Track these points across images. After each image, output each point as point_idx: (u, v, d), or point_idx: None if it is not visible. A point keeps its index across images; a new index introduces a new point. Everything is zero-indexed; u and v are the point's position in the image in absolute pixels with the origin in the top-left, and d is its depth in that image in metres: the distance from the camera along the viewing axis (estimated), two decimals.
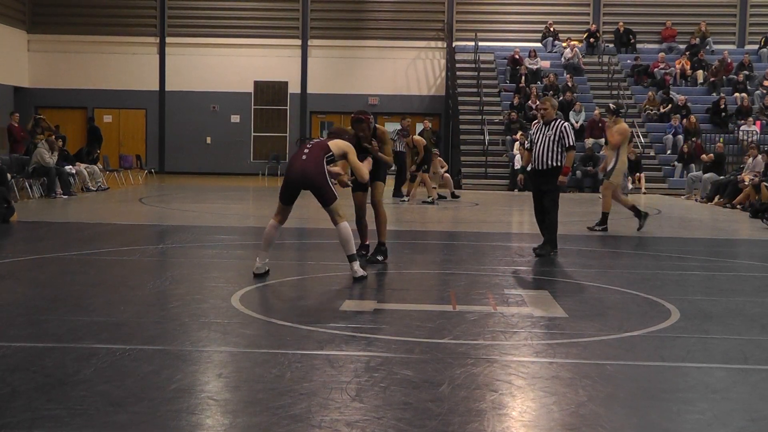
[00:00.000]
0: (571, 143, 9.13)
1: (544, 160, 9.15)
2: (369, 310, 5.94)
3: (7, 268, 7.77)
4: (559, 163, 9.13)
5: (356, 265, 7.00)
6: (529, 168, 9.44)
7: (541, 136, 9.23)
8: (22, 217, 11.87)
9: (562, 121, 9.26)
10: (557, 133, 9.10)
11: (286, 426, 3.49)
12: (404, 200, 16.96)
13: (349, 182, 7.73)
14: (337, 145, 7.19)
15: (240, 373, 4.35)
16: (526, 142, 9.60)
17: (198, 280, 7.18)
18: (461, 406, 3.82)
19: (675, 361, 4.72)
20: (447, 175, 18.93)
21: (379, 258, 8.08)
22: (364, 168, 7.44)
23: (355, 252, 7.06)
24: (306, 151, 7.09)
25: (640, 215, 11.66)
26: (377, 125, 8.26)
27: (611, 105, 12.69)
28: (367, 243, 8.32)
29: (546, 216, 9.21)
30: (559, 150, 9.11)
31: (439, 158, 18.66)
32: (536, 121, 9.47)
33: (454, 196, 18.17)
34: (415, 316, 5.81)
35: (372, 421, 3.57)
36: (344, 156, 7.23)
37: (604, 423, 3.63)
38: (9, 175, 14.16)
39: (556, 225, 9.21)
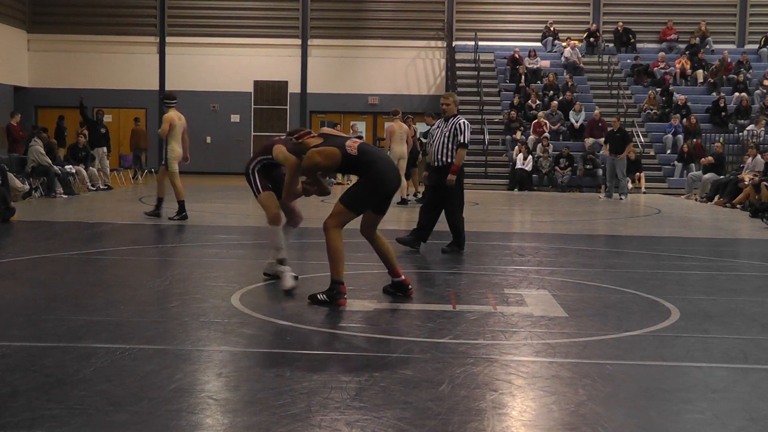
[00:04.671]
0: (465, 140, 8.98)
1: (439, 156, 9.09)
2: (369, 310, 5.94)
3: (7, 267, 7.76)
4: (452, 160, 9.06)
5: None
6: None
7: (438, 132, 9.15)
8: (22, 217, 11.87)
9: (461, 118, 9.15)
10: (453, 129, 9.00)
11: (286, 425, 3.49)
12: (410, 199, 16.66)
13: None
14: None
15: (240, 372, 4.35)
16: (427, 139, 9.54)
17: (198, 279, 7.18)
18: (461, 405, 3.82)
19: (675, 361, 4.72)
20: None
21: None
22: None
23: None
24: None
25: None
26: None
27: None
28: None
29: (449, 216, 9.13)
30: (454, 147, 9.02)
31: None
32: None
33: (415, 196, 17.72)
34: (415, 316, 5.81)
35: (372, 421, 3.57)
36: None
37: (603, 422, 3.63)
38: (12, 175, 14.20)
39: (460, 223, 9.13)
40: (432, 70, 28.05)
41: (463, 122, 9.11)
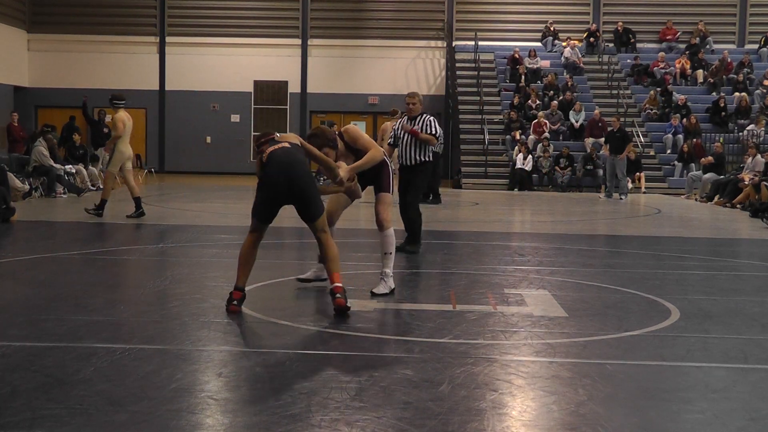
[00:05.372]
0: (436, 133, 8.95)
1: (412, 155, 9.03)
2: (369, 310, 5.93)
3: (7, 267, 7.76)
4: (426, 158, 9.02)
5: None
6: (395, 166, 9.16)
7: (404, 132, 9.07)
8: (22, 217, 11.87)
9: (427, 115, 9.11)
10: (422, 127, 8.94)
11: (286, 425, 3.49)
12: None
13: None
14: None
15: (240, 372, 4.35)
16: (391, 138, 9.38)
17: (198, 279, 7.18)
18: (461, 405, 3.82)
19: (675, 361, 4.72)
20: None
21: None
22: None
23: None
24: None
25: None
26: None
27: None
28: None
29: (404, 211, 9.03)
30: (425, 145, 8.99)
31: None
32: (402, 116, 9.24)
33: None
34: (415, 316, 5.81)
35: (372, 421, 3.57)
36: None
37: (603, 422, 3.63)
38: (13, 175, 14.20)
39: (418, 219, 9.05)
40: (432, 70, 28.05)
41: (432, 118, 9.10)
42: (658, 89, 25.17)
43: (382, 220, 6.56)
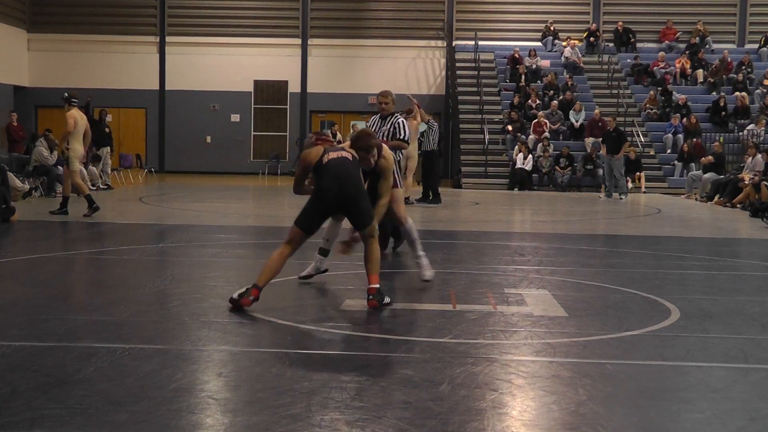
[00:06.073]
0: (406, 138, 8.83)
1: None
2: (369, 310, 5.93)
3: (7, 267, 7.77)
4: (397, 159, 8.97)
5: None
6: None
7: (377, 130, 9.02)
8: (22, 217, 11.87)
9: (398, 116, 9.00)
10: (392, 128, 8.84)
11: (286, 425, 3.49)
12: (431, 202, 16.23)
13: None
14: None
15: (240, 372, 4.35)
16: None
17: (198, 279, 7.18)
18: (461, 405, 3.82)
19: (675, 361, 4.72)
20: None
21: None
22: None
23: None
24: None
25: None
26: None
27: None
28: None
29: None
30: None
31: None
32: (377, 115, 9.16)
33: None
34: (415, 315, 5.81)
35: (372, 420, 3.57)
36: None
37: (603, 422, 3.63)
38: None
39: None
40: (432, 69, 28.05)
41: (402, 120, 9.06)
42: (659, 89, 25.17)
43: (401, 218, 6.99)
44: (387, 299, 5.98)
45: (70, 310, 5.72)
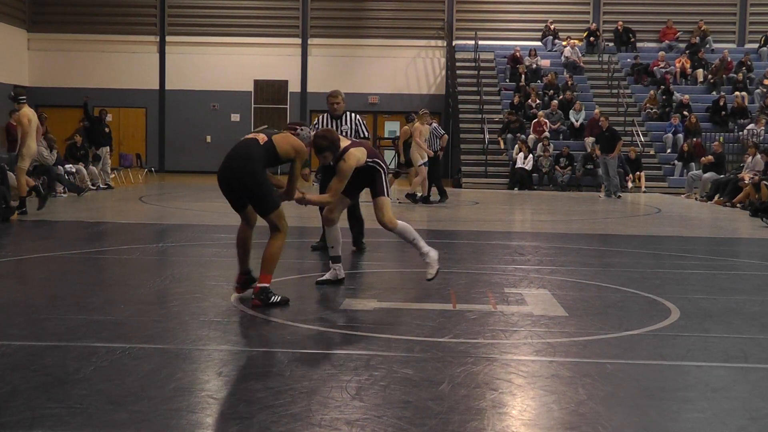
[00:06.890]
0: (368, 135, 8.84)
1: None
2: (369, 309, 5.94)
3: (7, 267, 7.77)
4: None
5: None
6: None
7: (338, 130, 8.83)
8: (22, 216, 11.87)
9: (354, 114, 8.96)
10: (353, 126, 8.80)
11: (286, 425, 3.49)
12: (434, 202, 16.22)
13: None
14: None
15: (240, 371, 4.35)
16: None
17: (198, 278, 7.18)
18: (461, 404, 3.82)
19: (675, 360, 4.72)
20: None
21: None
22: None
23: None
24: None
25: None
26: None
27: None
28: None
29: (355, 210, 8.89)
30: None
31: None
32: (324, 115, 9.01)
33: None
34: (415, 315, 5.81)
35: (372, 420, 3.57)
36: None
37: (603, 421, 3.63)
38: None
39: (362, 219, 8.97)
40: (432, 69, 28.06)
41: (360, 117, 8.99)
42: (659, 88, 25.17)
43: (388, 224, 6.74)
44: (275, 298, 5.83)
45: (70, 309, 5.72)
